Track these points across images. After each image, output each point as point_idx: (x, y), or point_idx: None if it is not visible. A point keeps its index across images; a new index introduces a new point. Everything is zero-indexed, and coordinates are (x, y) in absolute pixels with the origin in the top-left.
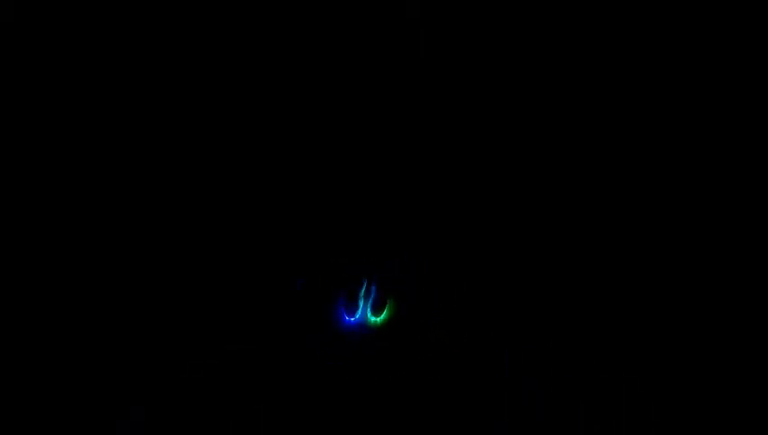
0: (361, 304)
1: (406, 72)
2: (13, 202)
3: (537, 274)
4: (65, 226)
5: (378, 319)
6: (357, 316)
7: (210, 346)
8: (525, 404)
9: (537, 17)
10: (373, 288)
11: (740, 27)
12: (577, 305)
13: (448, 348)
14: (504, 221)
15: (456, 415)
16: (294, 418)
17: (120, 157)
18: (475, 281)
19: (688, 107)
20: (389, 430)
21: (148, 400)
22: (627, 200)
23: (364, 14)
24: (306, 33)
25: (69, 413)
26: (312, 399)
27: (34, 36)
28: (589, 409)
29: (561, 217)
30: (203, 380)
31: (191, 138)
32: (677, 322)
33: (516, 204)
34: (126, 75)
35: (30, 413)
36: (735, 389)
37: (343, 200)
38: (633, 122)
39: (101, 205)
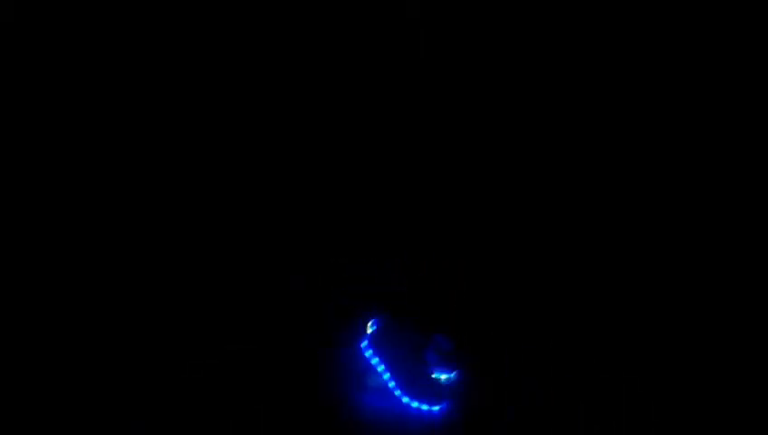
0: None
1: (406, 72)
2: (13, 202)
3: (537, 274)
4: (63, 226)
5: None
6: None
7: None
8: (525, 404)
9: (537, 17)
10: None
11: (740, 27)
12: (577, 305)
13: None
14: (503, 220)
15: (455, 415)
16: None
17: (119, 156)
18: (475, 281)
19: (688, 107)
20: (388, 429)
21: (147, 399)
22: (626, 200)
23: (364, 14)
24: (306, 32)
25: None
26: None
27: (34, 36)
28: (589, 409)
29: (561, 217)
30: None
31: (192, 137)
32: (678, 322)
33: (516, 203)
34: (126, 75)
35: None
36: (735, 389)
37: (344, 200)
38: (633, 122)
39: (100, 205)
